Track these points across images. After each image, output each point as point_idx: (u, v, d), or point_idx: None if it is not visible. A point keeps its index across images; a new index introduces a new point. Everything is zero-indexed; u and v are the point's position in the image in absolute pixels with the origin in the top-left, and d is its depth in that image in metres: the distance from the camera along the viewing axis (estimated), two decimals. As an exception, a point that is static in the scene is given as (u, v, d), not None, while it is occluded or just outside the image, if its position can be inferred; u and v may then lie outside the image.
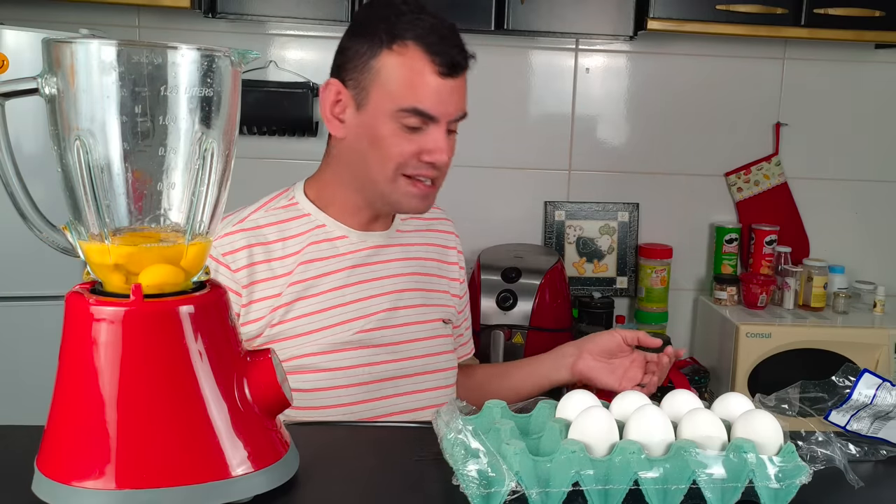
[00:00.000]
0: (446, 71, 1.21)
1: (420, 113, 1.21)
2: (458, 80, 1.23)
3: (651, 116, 2.80)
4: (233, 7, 2.34)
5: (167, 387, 0.73)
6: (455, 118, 1.25)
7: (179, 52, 0.72)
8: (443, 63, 1.20)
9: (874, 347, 2.50)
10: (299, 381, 1.24)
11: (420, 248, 1.40)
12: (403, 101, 1.21)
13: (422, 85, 1.20)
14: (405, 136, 1.22)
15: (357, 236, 1.32)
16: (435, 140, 1.22)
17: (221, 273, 1.24)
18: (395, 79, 1.21)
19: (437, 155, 1.22)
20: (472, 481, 0.72)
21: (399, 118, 1.21)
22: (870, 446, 0.91)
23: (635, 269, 2.83)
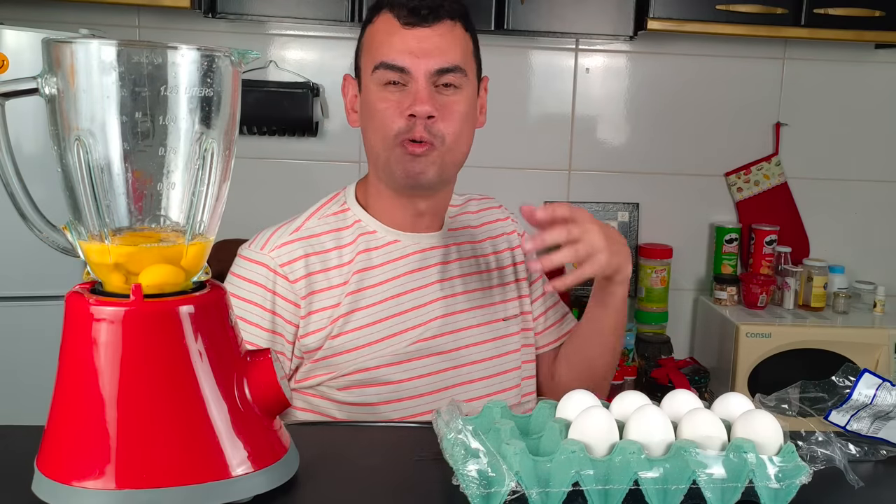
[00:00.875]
0: (409, 20, 1.18)
1: (389, 66, 1.19)
2: (429, 29, 1.19)
3: (651, 116, 2.80)
4: (233, 7, 2.34)
5: (167, 387, 0.73)
6: (435, 69, 1.19)
7: (179, 52, 0.72)
8: (403, 13, 1.19)
9: (874, 347, 2.50)
10: (363, 394, 1.22)
11: (473, 247, 1.36)
12: (375, 59, 1.20)
13: (388, 39, 1.20)
14: (389, 95, 1.20)
15: (409, 239, 1.28)
16: (413, 92, 1.19)
17: (280, 285, 1.21)
18: (371, 43, 1.23)
19: (417, 105, 1.18)
20: (472, 481, 0.72)
21: (377, 78, 1.20)
22: (870, 446, 0.91)
23: (635, 269, 2.83)
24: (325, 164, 2.71)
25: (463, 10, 1.24)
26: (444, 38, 1.20)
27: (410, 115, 1.19)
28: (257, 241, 1.29)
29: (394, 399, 1.22)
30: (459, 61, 1.21)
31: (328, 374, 1.23)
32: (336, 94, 2.68)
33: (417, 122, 1.19)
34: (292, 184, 2.69)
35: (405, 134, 1.20)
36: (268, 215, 2.63)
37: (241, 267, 1.27)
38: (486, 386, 1.30)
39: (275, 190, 2.68)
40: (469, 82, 1.23)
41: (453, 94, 1.21)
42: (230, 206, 0.82)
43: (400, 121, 1.20)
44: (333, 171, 2.70)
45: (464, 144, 1.25)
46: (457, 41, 1.21)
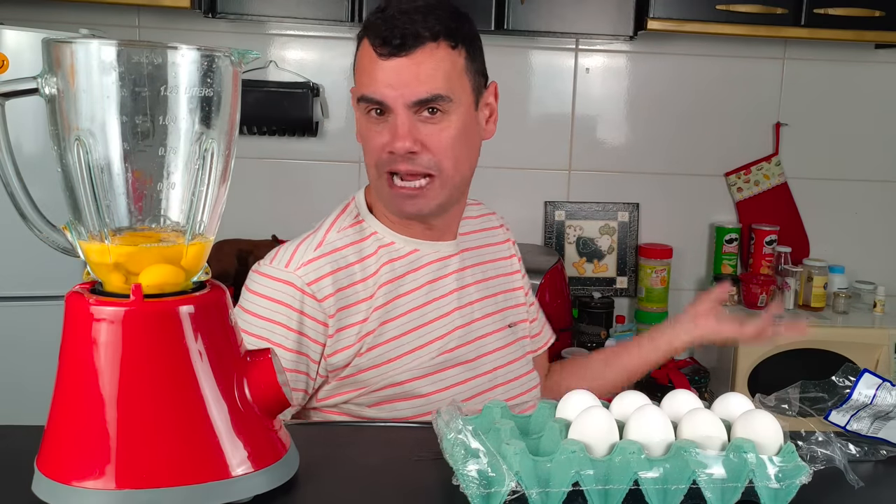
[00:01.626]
0: (383, 51, 1.14)
1: (368, 99, 1.16)
2: (405, 59, 1.13)
3: (651, 116, 2.80)
4: (233, 7, 2.34)
5: (167, 387, 0.73)
6: (413, 101, 1.14)
7: (179, 52, 0.72)
8: (377, 44, 1.14)
9: (874, 347, 2.50)
10: (394, 409, 1.21)
11: (477, 253, 1.35)
12: (357, 91, 1.19)
13: (366, 71, 1.17)
14: (373, 127, 1.18)
15: (428, 248, 1.26)
16: (393, 126, 1.15)
17: (308, 304, 1.17)
18: (356, 72, 1.21)
19: (397, 142, 1.14)
20: (472, 481, 0.72)
21: (361, 110, 1.19)
22: (870, 446, 0.91)
23: (635, 269, 2.83)
24: (325, 164, 2.71)
25: (447, 27, 1.16)
26: (421, 66, 1.14)
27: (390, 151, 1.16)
28: (279, 258, 1.21)
29: (425, 412, 1.19)
30: (441, 88, 1.15)
31: (356, 391, 1.21)
32: (336, 94, 2.68)
33: (399, 157, 1.16)
34: (292, 184, 2.69)
35: (389, 165, 1.17)
36: (268, 215, 2.65)
37: (264, 285, 1.20)
38: (507, 390, 1.30)
39: (275, 190, 2.68)
40: (458, 104, 1.18)
41: (440, 121, 1.17)
42: (230, 206, 0.82)
43: (383, 153, 1.17)
44: (333, 171, 2.70)
45: (465, 166, 1.22)
46: (438, 66, 1.15)
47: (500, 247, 1.40)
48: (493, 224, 1.42)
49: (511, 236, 1.45)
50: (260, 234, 2.54)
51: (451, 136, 1.17)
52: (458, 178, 1.22)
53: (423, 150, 1.16)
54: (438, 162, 1.17)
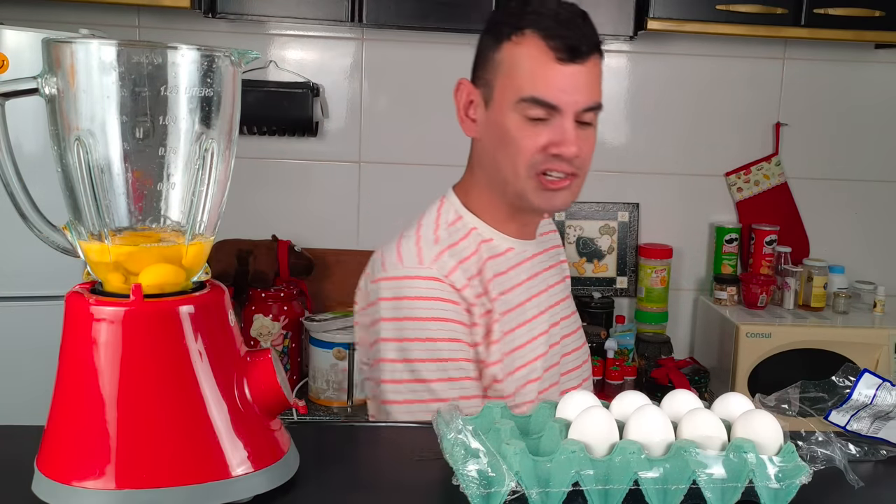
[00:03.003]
0: (564, 56, 1.15)
1: (540, 102, 1.16)
2: (581, 66, 1.17)
3: (651, 116, 2.80)
4: (233, 7, 2.34)
5: (167, 387, 0.73)
6: (584, 108, 1.19)
7: (179, 52, 0.72)
8: (559, 48, 1.15)
9: (874, 347, 2.50)
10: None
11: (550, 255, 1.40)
12: (523, 91, 1.17)
13: (540, 73, 1.16)
14: (531, 128, 1.18)
15: (520, 246, 1.29)
16: (561, 131, 1.17)
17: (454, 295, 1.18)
18: (515, 69, 1.18)
19: (565, 147, 1.17)
20: (472, 481, 0.72)
21: (521, 109, 1.17)
22: (870, 446, 0.91)
23: (635, 269, 2.83)
24: (325, 164, 2.71)
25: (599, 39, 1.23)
26: (591, 74, 1.20)
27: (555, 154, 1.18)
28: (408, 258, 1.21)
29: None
30: (600, 97, 1.22)
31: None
32: (336, 94, 2.68)
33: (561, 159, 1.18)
34: (292, 184, 2.69)
35: (542, 165, 1.19)
36: (268, 215, 2.64)
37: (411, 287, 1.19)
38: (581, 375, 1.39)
39: (275, 190, 2.68)
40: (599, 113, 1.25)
41: (589, 129, 1.22)
42: (230, 206, 0.82)
43: (540, 155, 1.18)
44: (333, 171, 2.70)
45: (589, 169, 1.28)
46: (599, 75, 1.23)
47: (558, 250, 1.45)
48: (550, 228, 1.45)
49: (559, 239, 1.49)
50: (260, 234, 2.54)
51: (594, 142, 1.24)
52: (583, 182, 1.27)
53: (580, 153, 1.20)
54: (584, 164, 1.23)
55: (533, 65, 1.16)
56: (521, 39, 1.17)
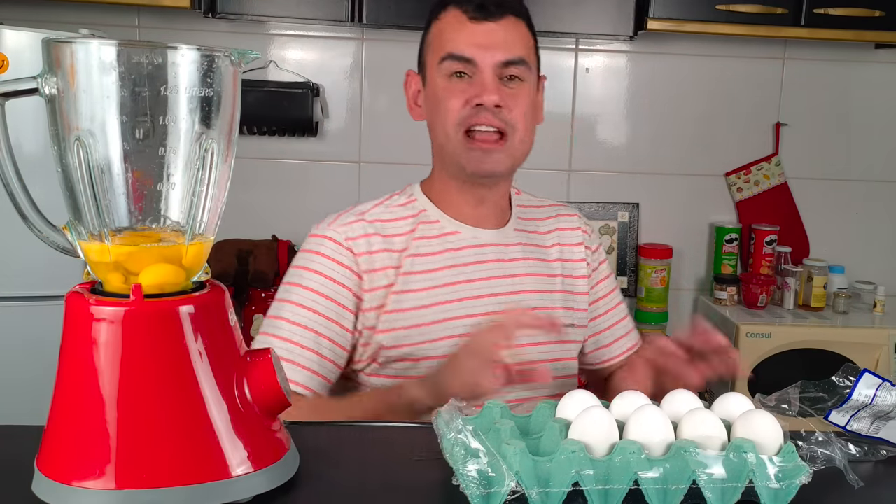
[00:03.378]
0: (476, 15, 1.23)
1: (456, 57, 1.23)
2: (495, 23, 1.24)
3: (651, 116, 2.80)
4: (233, 7, 2.34)
5: (167, 387, 0.73)
6: (501, 61, 1.24)
7: (179, 52, 0.72)
8: (469, 8, 1.24)
9: (874, 347, 2.50)
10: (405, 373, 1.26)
11: (541, 250, 1.37)
12: (442, 51, 1.25)
13: (455, 32, 1.24)
14: (455, 87, 1.24)
15: (470, 232, 1.32)
16: (481, 82, 1.23)
17: (345, 256, 1.25)
18: (438, 38, 1.27)
19: (485, 95, 1.22)
20: (472, 481, 0.72)
21: (444, 70, 1.24)
22: (870, 446, 0.91)
23: (635, 269, 2.83)
24: (325, 164, 2.71)
25: (526, 11, 1.30)
26: (509, 32, 1.25)
27: (477, 104, 1.22)
28: (324, 222, 1.32)
29: None
30: (524, 54, 1.26)
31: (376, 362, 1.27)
32: (336, 94, 2.68)
33: (484, 110, 1.22)
34: (292, 184, 2.69)
35: (470, 119, 1.23)
36: (268, 215, 2.65)
37: (308, 243, 1.30)
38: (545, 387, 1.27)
39: (275, 190, 2.68)
40: (531, 76, 1.28)
41: (518, 87, 1.26)
42: (230, 206, 0.82)
43: (465, 108, 1.23)
44: (333, 171, 2.70)
45: (529, 138, 1.30)
46: (521, 36, 1.27)
47: (571, 249, 1.41)
48: (570, 225, 1.43)
49: (590, 242, 1.44)
50: (260, 234, 2.54)
51: (526, 101, 1.27)
52: (523, 148, 1.30)
53: (506, 108, 1.24)
54: (515, 122, 1.25)
55: (450, 28, 1.26)
56: (443, 15, 1.27)
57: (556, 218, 1.43)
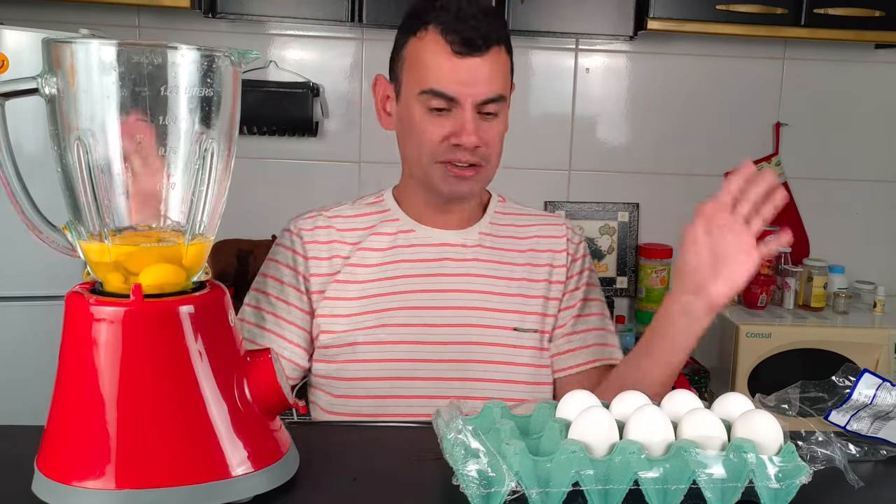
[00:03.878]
0: (460, 49, 1.20)
1: (439, 94, 1.21)
2: (478, 59, 1.21)
3: (651, 116, 2.80)
4: (233, 7, 2.34)
5: (167, 387, 0.73)
6: (483, 99, 1.22)
7: (179, 52, 0.72)
8: (456, 41, 1.20)
9: (874, 347, 2.50)
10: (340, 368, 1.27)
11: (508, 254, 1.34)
12: (423, 83, 1.22)
13: (437, 65, 1.21)
14: (433, 119, 1.23)
15: (424, 231, 1.32)
16: (461, 122, 1.22)
17: (297, 244, 1.31)
18: (417, 63, 1.24)
19: (465, 137, 1.21)
20: (472, 481, 0.72)
21: (423, 101, 1.23)
22: (870, 446, 0.91)
23: (635, 269, 2.83)
24: (325, 164, 2.71)
25: (505, 33, 1.27)
26: (492, 67, 1.23)
27: (456, 144, 1.22)
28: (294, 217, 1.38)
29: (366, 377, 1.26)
30: (503, 89, 1.25)
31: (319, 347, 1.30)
32: (336, 94, 2.68)
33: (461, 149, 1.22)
34: (292, 184, 2.69)
35: (446, 155, 1.23)
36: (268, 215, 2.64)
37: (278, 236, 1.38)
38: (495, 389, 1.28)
39: (275, 190, 2.68)
40: (507, 105, 1.28)
41: (493, 120, 1.25)
42: (230, 206, 0.82)
43: (441, 146, 1.23)
44: (333, 171, 2.70)
45: (500, 156, 1.30)
46: (501, 68, 1.25)
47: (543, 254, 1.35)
48: (551, 233, 1.38)
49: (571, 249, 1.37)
50: (260, 234, 2.54)
51: (500, 132, 1.27)
52: (494, 171, 1.30)
53: (482, 144, 1.24)
54: (489, 156, 1.26)
55: (432, 58, 1.22)
56: (424, 35, 1.23)
57: (539, 226, 1.39)
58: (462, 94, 1.21)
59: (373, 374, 1.26)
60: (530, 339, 1.31)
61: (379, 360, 1.26)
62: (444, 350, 1.27)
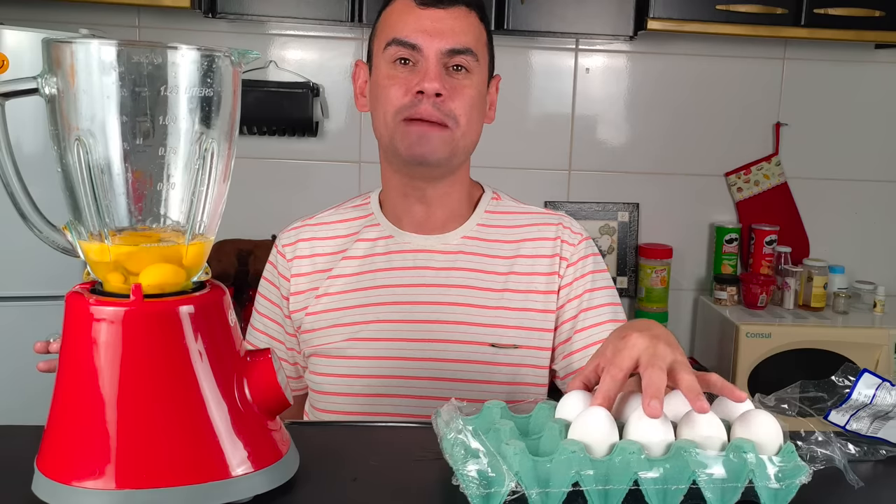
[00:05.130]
0: (424, 1, 1.20)
1: (401, 42, 1.19)
2: (443, 11, 1.20)
3: (651, 116, 2.80)
4: (233, 7, 2.34)
5: (167, 387, 0.73)
6: (447, 49, 1.18)
7: (179, 52, 0.72)
8: None
9: (874, 347, 2.50)
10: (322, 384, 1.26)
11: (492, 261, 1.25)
12: (388, 36, 1.21)
13: (402, 18, 1.21)
14: (398, 74, 1.20)
15: (402, 238, 1.27)
16: (423, 70, 1.19)
17: (280, 263, 1.31)
18: (385, 24, 1.24)
19: (426, 83, 1.17)
20: (472, 481, 0.72)
21: (388, 56, 1.21)
22: (869, 446, 0.91)
23: (635, 269, 2.83)
24: (325, 164, 2.71)
25: (479, 3, 1.25)
26: (458, 21, 1.20)
27: (418, 91, 1.17)
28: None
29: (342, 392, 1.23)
30: (472, 45, 1.20)
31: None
32: (336, 94, 2.68)
33: (425, 99, 1.17)
34: (292, 184, 2.69)
35: (410, 110, 1.18)
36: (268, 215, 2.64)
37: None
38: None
39: (275, 190, 2.68)
40: (480, 69, 1.22)
41: (464, 78, 1.20)
42: (230, 206, 0.82)
43: (406, 97, 1.18)
44: (333, 171, 2.70)
45: (473, 132, 1.23)
46: (471, 27, 1.22)
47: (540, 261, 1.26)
48: (544, 235, 1.28)
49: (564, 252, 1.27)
50: (260, 234, 2.54)
51: (472, 93, 1.21)
52: (465, 141, 1.22)
53: (448, 98, 1.19)
54: (458, 114, 1.19)
55: (398, 15, 1.22)
56: (394, 2, 1.24)
57: (531, 227, 1.29)
58: (425, 42, 1.18)
59: (344, 389, 1.23)
60: (506, 356, 1.21)
61: (349, 376, 1.23)
62: (417, 367, 1.21)
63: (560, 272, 1.25)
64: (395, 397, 1.21)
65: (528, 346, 1.23)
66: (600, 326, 1.24)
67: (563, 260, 1.26)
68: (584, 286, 1.25)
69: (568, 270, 1.26)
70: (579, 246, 1.28)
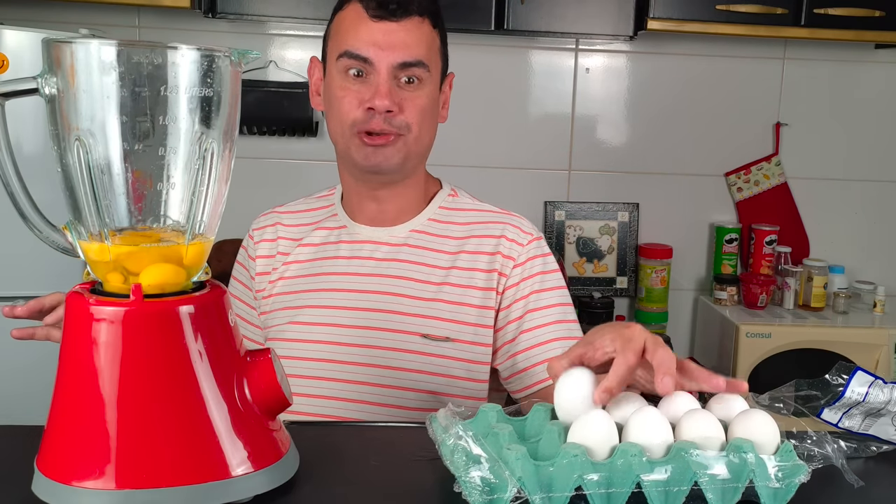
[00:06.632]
0: (376, 13, 1.20)
1: (352, 55, 1.20)
2: (394, 24, 1.20)
3: (651, 116, 2.80)
4: (233, 7, 2.34)
5: (167, 387, 0.73)
6: (398, 62, 1.20)
7: (179, 52, 0.72)
8: (371, 5, 1.20)
9: (874, 347, 2.50)
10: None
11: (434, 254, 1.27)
12: (341, 47, 1.22)
13: (354, 29, 1.21)
14: (350, 86, 1.21)
15: (354, 228, 1.32)
16: (375, 84, 1.20)
17: (249, 246, 1.39)
18: (337, 32, 1.24)
19: (377, 100, 1.19)
20: (475, 488, 0.72)
21: (340, 67, 1.22)
22: (860, 443, 0.91)
23: (635, 269, 2.83)
24: (325, 164, 2.71)
25: (433, 7, 1.25)
26: (410, 33, 1.21)
27: (369, 107, 1.20)
28: None
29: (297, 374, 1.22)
30: (423, 56, 1.21)
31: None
32: (336, 94, 2.68)
33: (376, 114, 1.20)
34: (292, 184, 2.69)
35: (362, 125, 1.21)
36: (268, 215, 2.63)
37: None
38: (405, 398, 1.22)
39: (275, 190, 2.68)
40: (432, 77, 1.24)
41: (415, 90, 1.22)
42: (230, 206, 0.82)
43: (357, 112, 1.21)
44: (333, 171, 2.68)
45: (426, 136, 1.26)
46: (423, 37, 1.22)
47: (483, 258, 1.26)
48: (492, 233, 1.28)
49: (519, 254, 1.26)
50: (260, 234, 2.54)
51: (421, 104, 1.23)
52: (419, 147, 1.25)
53: (399, 112, 1.21)
54: (409, 124, 1.22)
55: (350, 24, 1.23)
56: (347, 6, 1.24)
57: (479, 225, 1.29)
58: (376, 56, 1.20)
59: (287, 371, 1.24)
60: (438, 347, 1.22)
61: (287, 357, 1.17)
62: (351, 352, 1.23)
63: (504, 271, 1.26)
64: (329, 381, 1.24)
65: (461, 339, 1.23)
66: (548, 327, 1.24)
67: (507, 259, 1.26)
68: (531, 287, 1.25)
69: (514, 271, 1.26)
70: (528, 246, 1.27)
